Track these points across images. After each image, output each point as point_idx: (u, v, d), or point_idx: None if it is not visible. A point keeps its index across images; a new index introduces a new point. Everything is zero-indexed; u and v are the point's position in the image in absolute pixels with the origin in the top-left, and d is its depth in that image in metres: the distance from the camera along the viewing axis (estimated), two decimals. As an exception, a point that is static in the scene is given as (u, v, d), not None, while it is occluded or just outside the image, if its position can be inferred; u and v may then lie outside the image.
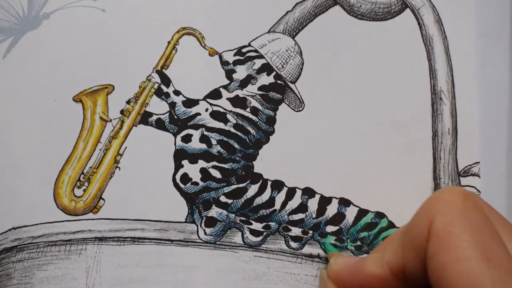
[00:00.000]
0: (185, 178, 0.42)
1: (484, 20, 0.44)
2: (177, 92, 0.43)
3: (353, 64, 0.44)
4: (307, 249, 0.42)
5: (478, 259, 0.25)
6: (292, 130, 0.43)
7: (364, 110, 0.44)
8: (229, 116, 0.43)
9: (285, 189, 0.43)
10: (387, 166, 0.43)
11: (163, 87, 0.43)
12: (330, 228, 0.42)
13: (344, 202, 0.43)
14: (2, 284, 0.41)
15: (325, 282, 0.34)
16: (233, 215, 0.42)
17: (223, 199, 0.42)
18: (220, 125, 0.43)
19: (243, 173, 0.43)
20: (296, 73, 0.44)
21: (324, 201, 0.43)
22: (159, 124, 0.43)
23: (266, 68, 0.44)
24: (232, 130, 0.43)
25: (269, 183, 0.43)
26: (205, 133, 0.43)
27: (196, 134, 0.43)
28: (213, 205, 0.42)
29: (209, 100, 0.43)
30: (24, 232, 0.42)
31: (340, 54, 0.44)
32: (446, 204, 0.27)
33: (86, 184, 0.42)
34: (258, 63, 0.44)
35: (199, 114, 0.43)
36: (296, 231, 0.42)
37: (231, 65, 0.44)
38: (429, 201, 0.28)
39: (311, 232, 0.42)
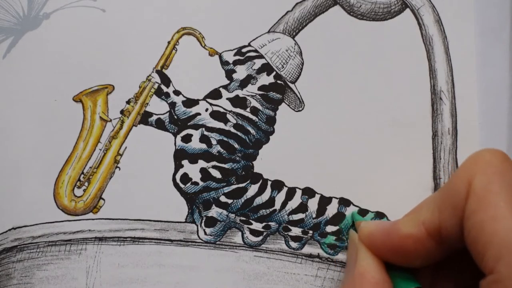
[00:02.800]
0: (185, 178, 0.42)
1: (484, 20, 0.44)
2: (177, 92, 0.43)
3: (353, 64, 0.44)
4: (307, 249, 0.42)
5: None
6: (292, 130, 0.43)
7: (364, 110, 0.44)
8: (229, 116, 0.43)
9: (285, 189, 0.43)
10: (387, 166, 0.43)
11: (163, 87, 0.43)
12: (330, 228, 0.42)
13: (344, 202, 0.43)
14: (2, 284, 0.41)
15: (355, 245, 0.33)
16: (233, 215, 0.42)
17: (223, 199, 0.42)
18: (220, 125, 0.43)
19: (243, 173, 0.43)
20: (296, 73, 0.44)
21: (324, 201, 0.43)
22: (159, 124, 0.43)
23: (266, 68, 0.44)
24: (232, 130, 0.43)
25: (269, 183, 0.43)
26: (205, 133, 0.43)
27: (196, 134, 0.43)
28: (213, 205, 0.42)
29: (209, 100, 0.43)
30: (24, 232, 0.42)
31: (340, 54, 0.44)
32: (486, 164, 0.27)
33: (86, 184, 0.42)
34: (258, 63, 0.44)
35: (199, 114, 0.43)
36: (296, 231, 0.42)
37: (231, 65, 0.44)
38: (468, 161, 0.28)
39: (311, 232, 0.42)
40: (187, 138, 0.43)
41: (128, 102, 0.43)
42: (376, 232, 0.32)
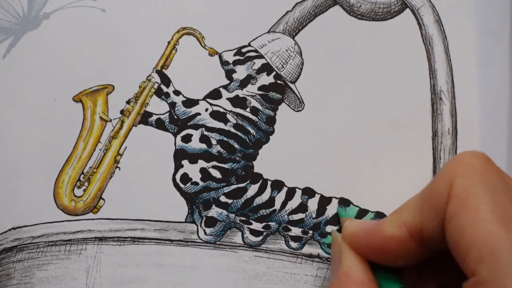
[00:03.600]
0: (185, 178, 0.42)
1: (484, 20, 0.44)
2: (177, 92, 0.43)
3: (353, 64, 0.44)
4: (307, 249, 0.42)
5: (497, 222, 0.24)
6: (292, 130, 0.43)
7: (364, 110, 0.44)
8: (229, 116, 0.43)
9: (285, 189, 0.43)
10: (387, 166, 0.43)
11: (163, 87, 0.43)
12: (330, 228, 0.42)
13: (344, 202, 0.43)
14: (2, 284, 0.41)
15: (339, 244, 0.33)
16: (233, 215, 0.42)
17: (223, 199, 0.42)
18: (220, 125, 0.43)
19: (243, 173, 0.43)
20: (296, 73, 0.44)
21: (324, 201, 0.43)
22: (159, 124, 0.43)
23: (266, 68, 0.44)
24: (232, 130, 0.43)
25: (269, 183, 0.43)
26: (205, 133, 0.43)
27: (196, 134, 0.43)
28: (213, 205, 0.42)
29: (209, 100, 0.43)
30: (24, 232, 0.42)
31: (340, 54, 0.44)
32: (467, 167, 0.27)
33: (86, 184, 0.42)
34: (258, 63, 0.44)
35: (199, 114, 0.43)
36: (296, 231, 0.42)
37: (231, 65, 0.44)
38: (450, 163, 0.28)
39: (311, 232, 0.42)
40: (187, 138, 0.43)
41: (128, 102, 0.43)
42: (359, 233, 0.32)
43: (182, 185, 0.42)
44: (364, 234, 0.32)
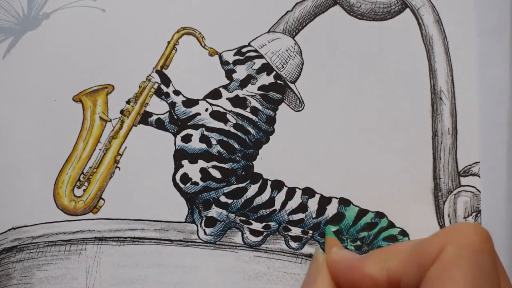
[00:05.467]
0: (185, 178, 0.42)
1: (484, 20, 0.44)
2: (177, 92, 0.43)
3: (353, 64, 0.44)
4: (307, 249, 0.42)
5: None
6: (292, 130, 0.43)
7: (364, 110, 0.44)
8: (229, 116, 0.43)
9: (285, 189, 0.43)
10: (387, 166, 0.43)
11: (163, 87, 0.43)
12: (330, 228, 0.42)
13: (344, 202, 0.43)
14: (2, 284, 0.41)
15: (319, 264, 0.34)
16: (233, 215, 0.42)
17: (223, 199, 0.42)
18: (220, 125, 0.43)
19: (243, 173, 0.43)
20: (296, 73, 0.44)
21: (324, 201, 0.43)
22: (159, 124, 0.43)
23: (266, 68, 0.44)
24: (232, 130, 0.43)
25: (269, 183, 0.43)
26: (205, 133, 0.43)
27: (196, 134, 0.43)
28: (213, 205, 0.42)
29: (209, 100, 0.43)
30: (24, 232, 0.42)
31: (340, 54, 0.44)
32: (465, 238, 0.27)
33: (86, 184, 0.42)
34: (258, 63, 0.44)
35: (199, 114, 0.43)
36: (296, 231, 0.42)
37: (231, 65, 0.44)
38: (451, 228, 0.28)
39: (311, 232, 0.42)
40: (187, 138, 0.43)
41: (128, 102, 0.43)
42: (341, 264, 0.33)
43: (182, 185, 0.42)
44: (345, 265, 0.32)
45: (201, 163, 0.42)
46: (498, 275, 0.27)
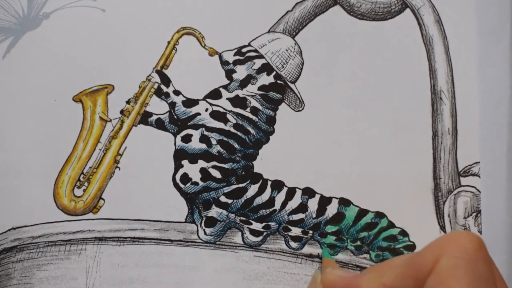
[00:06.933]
0: (185, 178, 0.42)
1: (484, 20, 0.44)
2: (177, 92, 0.43)
3: (353, 64, 0.44)
4: (307, 249, 0.42)
5: None
6: (292, 130, 0.43)
7: (364, 110, 0.44)
8: (229, 116, 0.43)
9: (285, 189, 0.43)
10: (387, 166, 0.43)
11: (163, 87, 0.43)
12: (330, 228, 0.42)
13: (344, 202, 0.43)
14: (2, 284, 0.41)
15: (317, 285, 0.34)
16: (233, 215, 0.42)
17: (223, 199, 0.42)
18: (220, 125, 0.43)
19: (243, 173, 0.43)
20: (296, 73, 0.44)
21: (324, 201, 0.43)
22: (159, 124, 0.43)
23: (266, 68, 0.44)
24: (232, 130, 0.43)
25: (269, 183, 0.43)
26: (205, 133, 0.43)
27: (196, 134, 0.43)
28: (213, 205, 0.42)
29: (209, 100, 0.43)
30: (24, 232, 0.42)
31: (340, 54, 0.44)
32: (459, 247, 0.27)
33: (86, 184, 0.42)
34: (258, 63, 0.44)
35: (199, 114, 0.43)
36: (296, 231, 0.42)
37: (231, 65, 0.44)
38: (443, 238, 0.28)
39: (311, 232, 0.42)
40: (187, 138, 0.43)
41: (128, 102, 0.43)
42: (338, 283, 0.33)
43: (182, 185, 0.42)
44: (343, 284, 0.32)
45: (201, 163, 0.42)
46: (496, 282, 0.27)
